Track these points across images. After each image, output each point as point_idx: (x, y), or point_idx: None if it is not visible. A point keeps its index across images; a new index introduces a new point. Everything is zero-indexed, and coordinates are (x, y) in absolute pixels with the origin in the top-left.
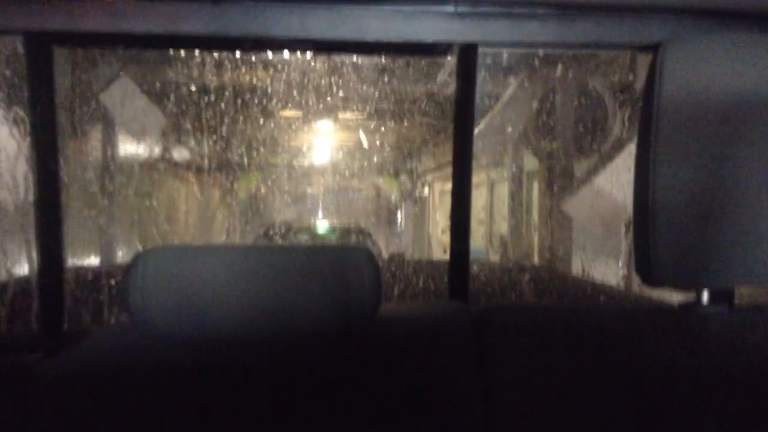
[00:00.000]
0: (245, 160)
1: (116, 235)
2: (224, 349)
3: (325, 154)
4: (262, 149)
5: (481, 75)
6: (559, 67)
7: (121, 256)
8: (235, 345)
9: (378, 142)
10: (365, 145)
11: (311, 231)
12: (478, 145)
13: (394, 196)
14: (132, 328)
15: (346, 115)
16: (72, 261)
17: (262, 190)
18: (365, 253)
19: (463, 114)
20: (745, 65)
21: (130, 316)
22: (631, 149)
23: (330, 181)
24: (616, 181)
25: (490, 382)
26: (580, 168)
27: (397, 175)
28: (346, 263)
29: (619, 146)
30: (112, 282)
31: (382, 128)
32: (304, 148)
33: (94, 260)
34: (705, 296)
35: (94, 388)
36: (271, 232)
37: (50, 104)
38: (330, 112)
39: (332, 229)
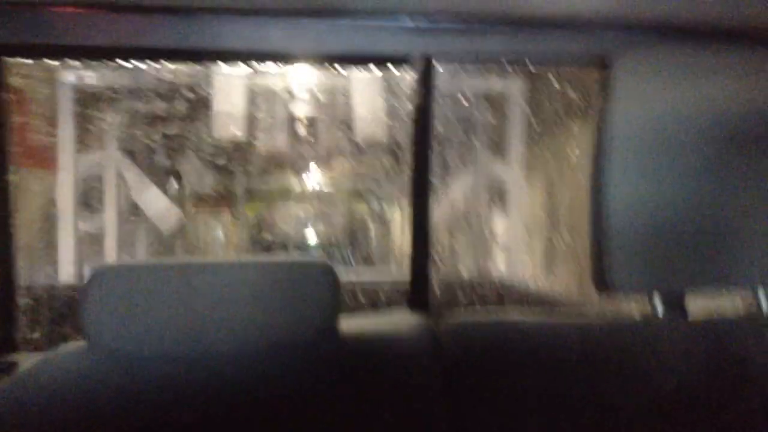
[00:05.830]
0: (249, 192)
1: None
2: (182, 366)
3: (314, 185)
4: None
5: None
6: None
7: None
8: (193, 361)
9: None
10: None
11: (303, 244)
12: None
13: (366, 218)
14: (88, 348)
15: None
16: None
17: (265, 214)
18: (323, 266)
19: (421, 126)
20: (694, 78)
21: (86, 335)
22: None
23: (317, 205)
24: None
25: (453, 395)
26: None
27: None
28: (303, 276)
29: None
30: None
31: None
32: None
33: None
34: (658, 305)
35: (45, 414)
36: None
37: (1, 120)
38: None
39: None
